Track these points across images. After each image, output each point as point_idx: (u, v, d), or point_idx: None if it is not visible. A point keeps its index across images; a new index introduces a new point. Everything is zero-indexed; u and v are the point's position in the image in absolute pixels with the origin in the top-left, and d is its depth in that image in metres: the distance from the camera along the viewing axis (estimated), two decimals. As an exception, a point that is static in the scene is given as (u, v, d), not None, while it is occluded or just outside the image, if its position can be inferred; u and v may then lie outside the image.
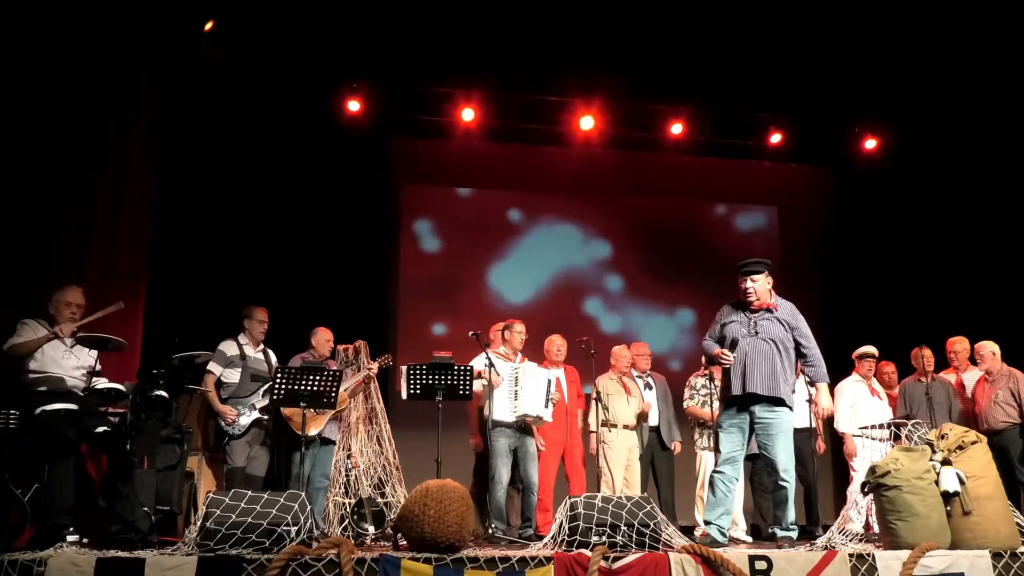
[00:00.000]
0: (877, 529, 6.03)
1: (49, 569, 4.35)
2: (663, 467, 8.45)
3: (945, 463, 5.71)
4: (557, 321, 10.14)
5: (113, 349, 6.01)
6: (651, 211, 11.70)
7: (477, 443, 7.66)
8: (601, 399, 7.94)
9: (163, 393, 6.01)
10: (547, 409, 7.29)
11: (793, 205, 12.12)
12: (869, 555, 5.16)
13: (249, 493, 4.85)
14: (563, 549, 5.05)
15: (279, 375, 6.41)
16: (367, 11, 9.54)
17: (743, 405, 6.10)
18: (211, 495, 4.84)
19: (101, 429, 5.79)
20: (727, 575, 4.88)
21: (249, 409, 6.98)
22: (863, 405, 8.28)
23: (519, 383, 7.21)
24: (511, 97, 10.76)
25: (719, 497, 6.08)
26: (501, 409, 7.16)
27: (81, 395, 5.84)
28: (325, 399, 6.53)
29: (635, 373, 8.47)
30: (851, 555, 5.13)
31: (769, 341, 6.06)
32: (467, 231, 11.26)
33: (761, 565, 4.98)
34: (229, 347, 7.16)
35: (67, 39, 7.88)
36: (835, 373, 8.60)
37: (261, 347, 7.32)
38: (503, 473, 7.12)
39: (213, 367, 7.02)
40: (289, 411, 6.89)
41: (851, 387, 8.43)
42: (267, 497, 4.85)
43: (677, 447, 8.54)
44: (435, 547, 4.75)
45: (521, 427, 7.27)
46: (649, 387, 8.45)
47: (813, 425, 8.25)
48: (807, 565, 5.05)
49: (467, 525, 4.92)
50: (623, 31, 9.93)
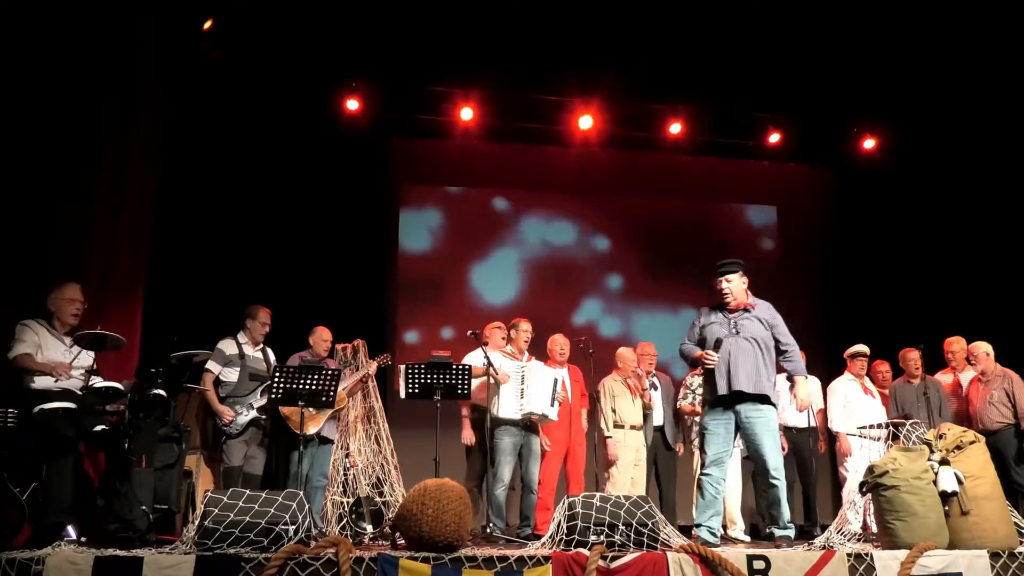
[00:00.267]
0: (875, 529, 6.03)
1: (47, 568, 4.35)
2: (666, 467, 8.44)
3: (943, 463, 5.72)
4: (557, 320, 10.15)
5: (111, 347, 6.01)
6: (650, 211, 11.69)
7: (467, 437, 7.64)
8: (601, 401, 7.97)
9: (161, 392, 6.00)
10: (553, 408, 7.30)
11: (792, 205, 12.12)
12: (867, 555, 5.16)
13: (247, 492, 4.85)
14: (561, 548, 5.05)
15: (277, 374, 6.41)
16: (366, 10, 9.53)
17: (728, 405, 6.11)
18: (209, 494, 4.84)
19: (99, 428, 5.79)
20: (725, 575, 4.88)
21: (247, 408, 6.98)
22: (856, 404, 8.26)
23: (525, 381, 7.22)
24: (510, 96, 10.75)
25: (708, 500, 6.09)
26: (507, 407, 7.16)
27: (79, 394, 5.83)
28: (323, 398, 6.53)
29: (639, 372, 8.43)
30: (849, 555, 5.13)
31: (751, 340, 6.10)
32: (466, 230, 11.25)
33: (759, 565, 4.98)
34: (228, 346, 7.16)
35: (67, 39, 7.87)
36: (835, 372, 8.64)
37: (260, 346, 7.33)
38: (505, 472, 7.12)
39: (212, 366, 7.03)
40: (288, 410, 6.90)
41: (844, 386, 8.42)
42: (265, 496, 4.85)
43: (681, 448, 8.54)
44: (433, 546, 4.75)
45: (527, 425, 7.28)
46: (654, 387, 8.42)
47: (814, 424, 8.26)
48: (805, 565, 5.05)
49: (465, 524, 4.93)
50: (622, 31, 9.92)
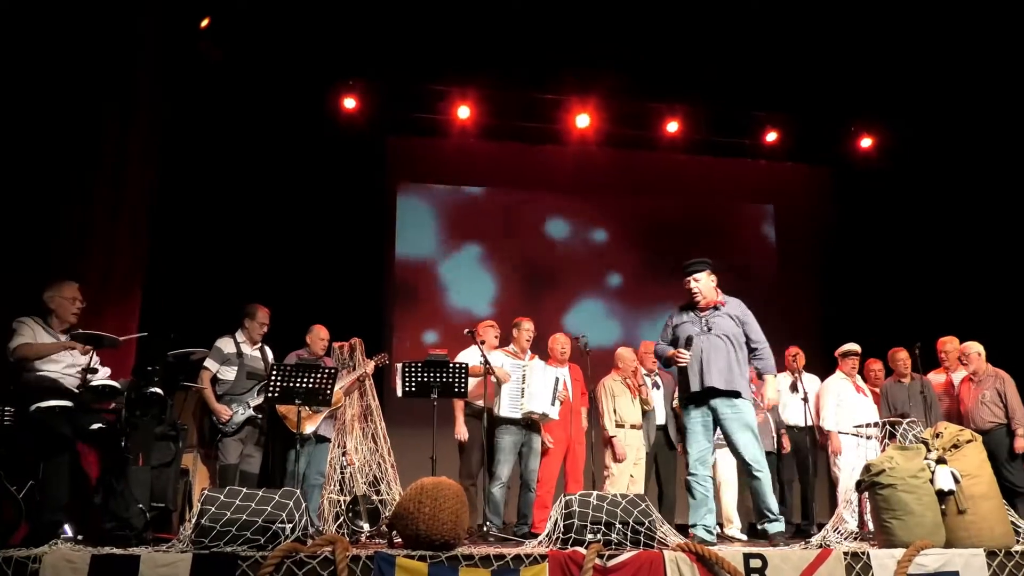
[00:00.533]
0: (872, 527, 6.04)
1: (44, 566, 4.34)
2: (667, 466, 8.41)
3: (940, 462, 5.72)
4: (554, 319, 10.14)
5: (108, 346, 6.00)
6: (648, 209, 11.70)
7: (461, 433, 7.60)
8: (601, 400, 7.98)
9: (158, 390, 6.00)
10: (554, 407, 7.30)
11: (789, 204, 12.13)
12: (864, 553, 5.16)
13: (244, 490, 4.85)
14: (558, 547, 5.05)
15: (274, 372, 6.41)
16: (363, 9, 9.53)
17: (702, 401, 6.15)
18: (206, 492, 4.84)
19: (96, 426, 5.78)
20: (722, 573, 4.88)
21: (244, 407, 6.97)
22: (849, 403, 8.28)
23: (526, 380, 7.22)
24: (507, 95, 10.77)
25: (699, 499, 6.12)
26: (507, 406, 7.16)
27: (76, 392, 5.82)
28: (320, 397, 6.52)
29: (643, 371, 8.43)
30: (846, 553, 5.13)
31: (723, 337, 6.14)
32: (463, 229, 11.26)
33: (756, 563, 4.98)
34: (226, 344, 7.16)
35: (67, 39, 7.88)
36: (832, 371, 8.64)
37: (258, 345, 7.32)
38: (504, 470, 7.11)
39: (209, 364, 7.02)
40: (285, 409, 6.89)
41: (836, 385, 8.43)
42: (262, 494, 4.84)
43: (682, 447, 8.52)
44: (430, 545, 4.75)
45: (528, 423, 7.28)
46: (657, 386, 8.39)
47: (811, 424, 8.26)
48: (802, 563, 5.05)
49: (462, 523, 4.93)
50: (620, 29, 9.92)
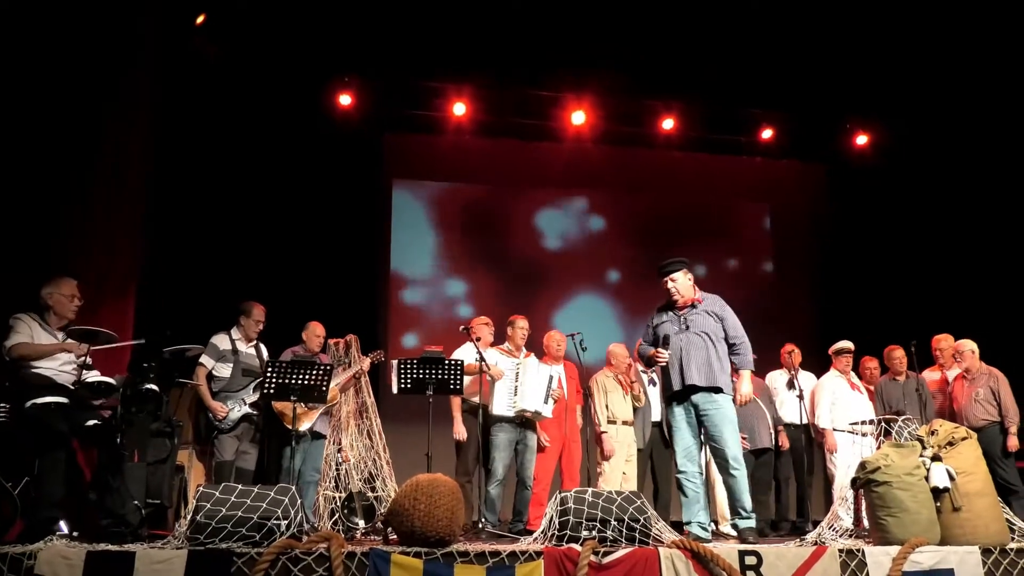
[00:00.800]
0: (867, 525, 6.04)
1: (39, 562, 4.33)
2: (662, 463, 8.39)
3: (935, 459, 5.72)
4: (548, 316, 10.14)
5: (104, 343, 5.99)
6: (643, 207, 11.70)
7: (459, 432, 7.61)
8: (594, 396, 7.96)
9: (154, 387, 5.99)
10: (547, 405, 7.30)
11: (784, 201, 12.14)
12: (859, 551, 5.16)
13: (239, 487, 4.83)
14: (553, 544, 5.05)
15: (270, 369, 6.41)
16: (359, 6, 9.52)
17: (684, 399, 6.17)
18: (201, 489, 4.83)
19: (91, 422, 5.76)
20: (717, 570, 4.88)
21: (240, 404, 6.97)
22: (844, 400, 8.31)
23: (519, 378, 7.22)
24: (503, 92, 10.77)
25: (691, 496, 6.14)
26: (501, 404, 7.16)
27: (72, 388, 5.81)
28: (315, 393, 6.53)
29: (640, 369, 8.42)
30: (841, 551, 5.13)
31: (701, 334, 6.16)
32: (459, 226, 11.25)
33: (751, 560, 4.98)
34: (221, 341, 7.16)
35: (67, 39, 7.86)
36: (827, 368, 8.65)
37: (254, 342, 7.31)
38: (500, 468, 7.12)
39: (205, 360, 7.02)
40: (281, 406, 6.89)
41: (831, 382, 8.46)
42: (257, 491, 4.83)
43: None
44: (425, 541, 4.75)
45: (523, 421, 7.28)
46: (653, 383, 8.38)
47: (807, 421, 8.28)
48: (797, 561, 5.05)
49: (457, 519, 4.93)
50: (615, 27, 9.91)
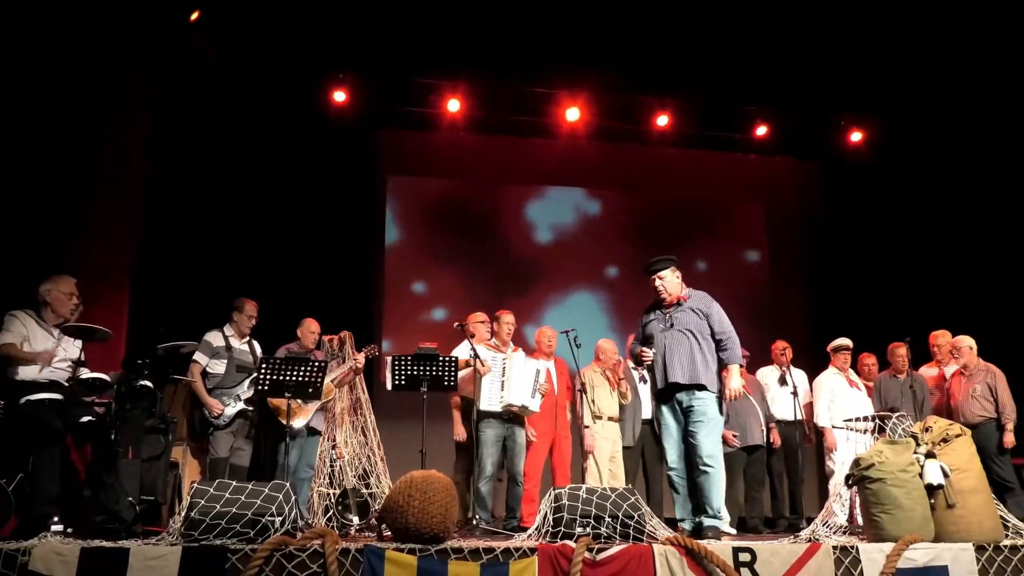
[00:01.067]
0: (861, 521, 6.05)
1: (33, 559, 4.32)
2: (654, 460, 8.40)
3: (929, 456, 5.73)
4: (541, 313, 10.14)
5: (99, 339, 5.98)
6: (638, 203, 11.70)
7: (460, 434, 7.65)
8: (586, 391, 7.94)
9: (148, 383, 5.99)
10: (534, 399, 7.27)
11: (779, 198, 12.15)
12: (853, 548, 5.16)
13: (234, 483, 4.83)
14: (547, 540, 5.05)
15: (264, 365, 6.40)
16: (353, 2, 9.50)
17: (668, 396, 6.18)
18: (196, 485, 4.82)
19: (86, 419, 5.75)
20: (711, 567, 4.88)
21: (234, 400, 6.97)
22: (843, 397, 8.31)
23: (506, 373, 7.21)
24: (497, 89, 10.77)
25: (683, 493, 6.17)
26: (488, 399, 7.15)
27: (66, 385, 5.80)
28: (310, 389, 6.52)
29: (631, 366, 8.39)
30: (835, 547, 5.13)
31: (686, 331, 6.15)
32: (453, 222, 11.24)
33: (745, 557, 4.98)
34: (215, 337, 7.15)
35: (67, 39, 7.86)
36: (822, 365, 8.67)
37: (247, 338, 7.31)
38: (488, 465, 7.11)
39: (199, 357, 7.01)
40: (276, 402, 6.89)
41: (830, 380, 8.47)
42: (252, 488, 4.82)
43: None
44: (419, 538, 4.74)
45: (511, 417, 7.27)
46: (644, 380, 8.37)
47: (800, 418, 8.29)
48: (791, 557, 5.05)
49: (451, 516, 4.92)
50: (610, 23, 9.91)
